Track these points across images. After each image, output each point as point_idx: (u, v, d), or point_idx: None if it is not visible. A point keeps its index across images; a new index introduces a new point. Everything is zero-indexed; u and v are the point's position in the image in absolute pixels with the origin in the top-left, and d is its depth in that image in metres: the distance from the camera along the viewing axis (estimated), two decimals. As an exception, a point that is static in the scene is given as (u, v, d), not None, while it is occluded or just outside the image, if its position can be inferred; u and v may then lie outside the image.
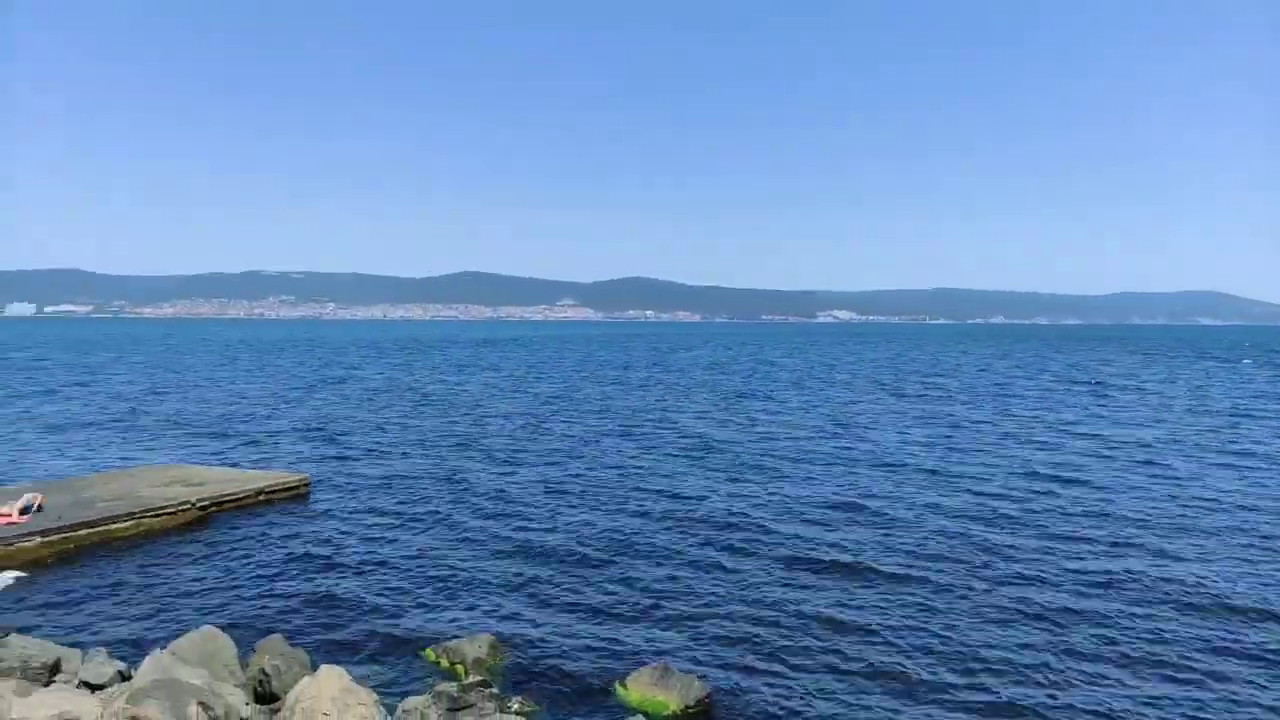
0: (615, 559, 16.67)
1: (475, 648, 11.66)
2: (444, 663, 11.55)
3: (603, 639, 12.64)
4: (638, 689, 10.72)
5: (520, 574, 15.75)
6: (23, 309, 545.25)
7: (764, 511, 20.53)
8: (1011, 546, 17.47)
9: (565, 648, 12.28)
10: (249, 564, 16.27)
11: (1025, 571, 15.81)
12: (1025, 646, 12.43)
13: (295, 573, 15.78)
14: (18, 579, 15.01)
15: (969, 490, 22.86)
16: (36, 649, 9.18)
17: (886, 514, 20.19)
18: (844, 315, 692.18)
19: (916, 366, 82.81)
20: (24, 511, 17.14)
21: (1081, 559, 16.58)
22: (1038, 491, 22.80)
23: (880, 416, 40.05)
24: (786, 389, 56.49)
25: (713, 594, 14.61)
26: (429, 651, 11.94)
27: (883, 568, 16.01)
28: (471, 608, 13.99)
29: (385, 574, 15.74)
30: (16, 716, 6.20)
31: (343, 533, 18.54)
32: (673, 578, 15.55)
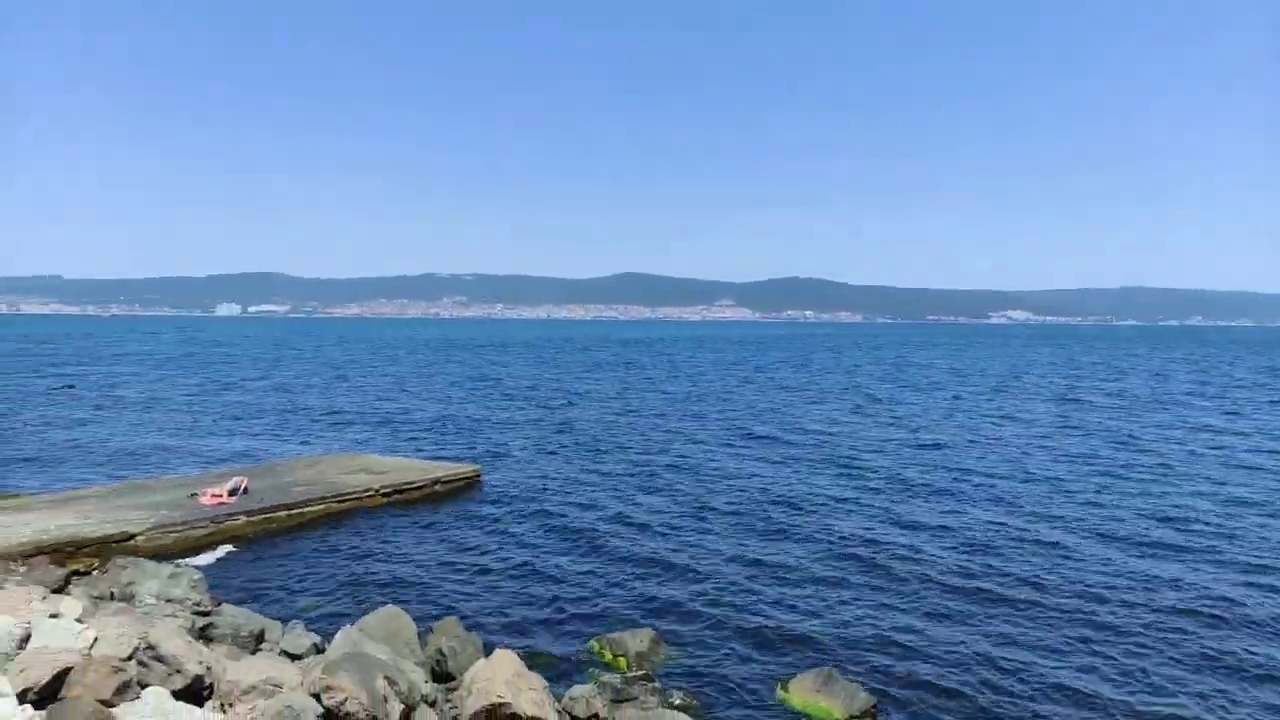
0: (778, 562, 16.44)
1: (637, 641, 11.78)
2: (607, 654, 11.74)
3: (764, 640, 12.49)
4: (800, 693, 10.50)
5: (681, 571, 15.82)
6: (230, 309, 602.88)
7: (928, 529, 19.68)
8: (1192, 581, 15.92)
9: (726, 647, 12.22)
10: (426, 549, 17.17)
11: (1210, 608, 14.36)
12: (1219, 691, 11.28)
13: (468, 559, 16.52)
14: (228, 553, 16.53)
15: (1148, 515, 20.91)
16: (244, 619, 10.05)
17: (1059, 539, 18.86)
18: (1019, 315, 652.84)
19: (1094, 372, 77.15)
20: (232, 493, 18.83)
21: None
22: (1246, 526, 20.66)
23: (1055, 432, 37.58)
24: (934, 395, 54.00)
25: (881, 604, 14.13)
26: (592, 643, 12.17)
27: (1056, 592, 14.95)
28: (633, 602, 14.17)
29: (551, 564, 16.21)
30: (230, 679, 6.81)
31: (512, 523, 19.26)
32: (838, 583, 15.17)
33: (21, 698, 5.79)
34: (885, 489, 23.11)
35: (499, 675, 7.95)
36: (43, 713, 5.57)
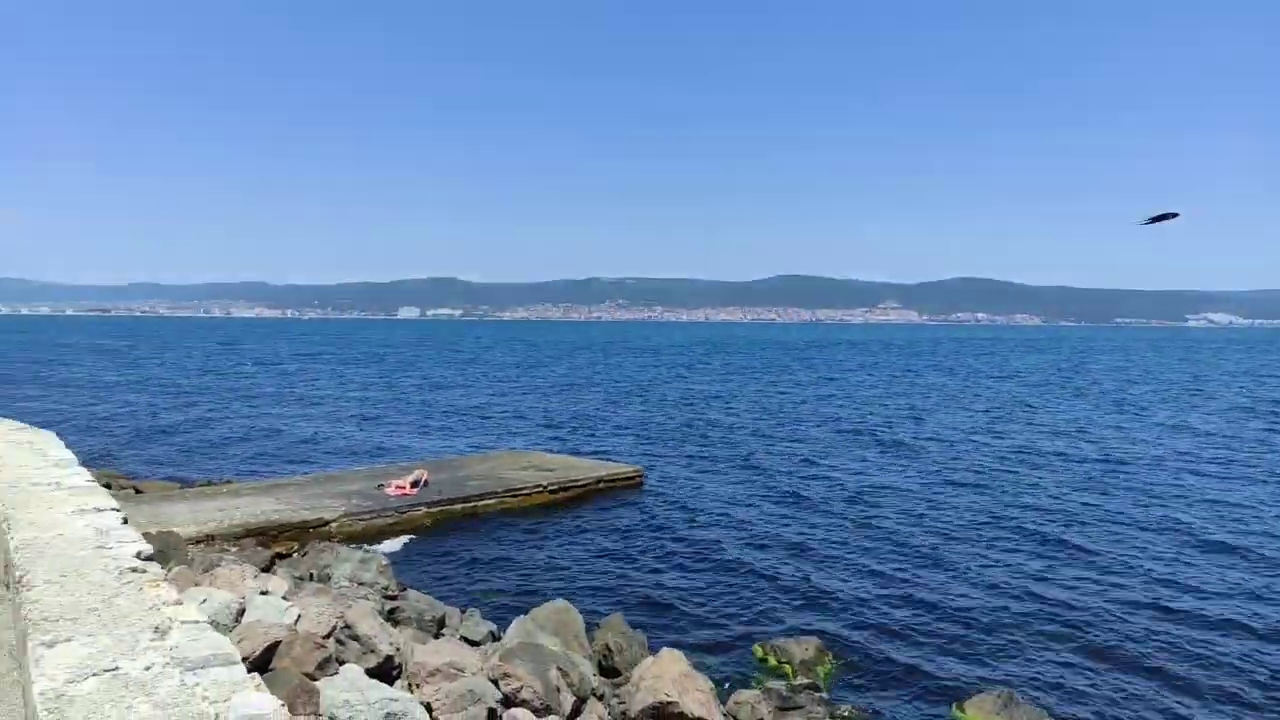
0: (956, 574, 15.72)
1: (803, 649, 11.56)
2: (771, 661, 11.59)
3: (934, 656, 11.96)
4: (977, 714, 9.98)
5: (844, 579, 15.41)
6: (410, 312, 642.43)
7: (1135, 545, 18.24)
8: None
9: (894, 661, 11.78)
10: (591, 545, 17.58)
11: None
12: None
13: (632, 558, 16.77)
14: (410, 541, 17.56)
15: None
16: (427, 604, 10.65)
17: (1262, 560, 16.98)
18: (1220, 319, 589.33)
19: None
20: (414, 485, 19.98)
21: None
22: None
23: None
24: (1138, 406, 49.87)
25: (1067, 626, 13.20)
26: (757, 648, 12.05)
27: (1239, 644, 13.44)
28: (795, 608, 13.93)
29: (714, 566, 16.20)
30: (418, 660, 7.24)
31: (674, 524, 19.39)
32: (1021, 600, 14.31)
33: (238, 665, 6.40)
34: (1062, 506, 21.63)
35: (666, 674, 8.01)
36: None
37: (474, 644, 9.27)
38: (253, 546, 15.17)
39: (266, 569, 11.83)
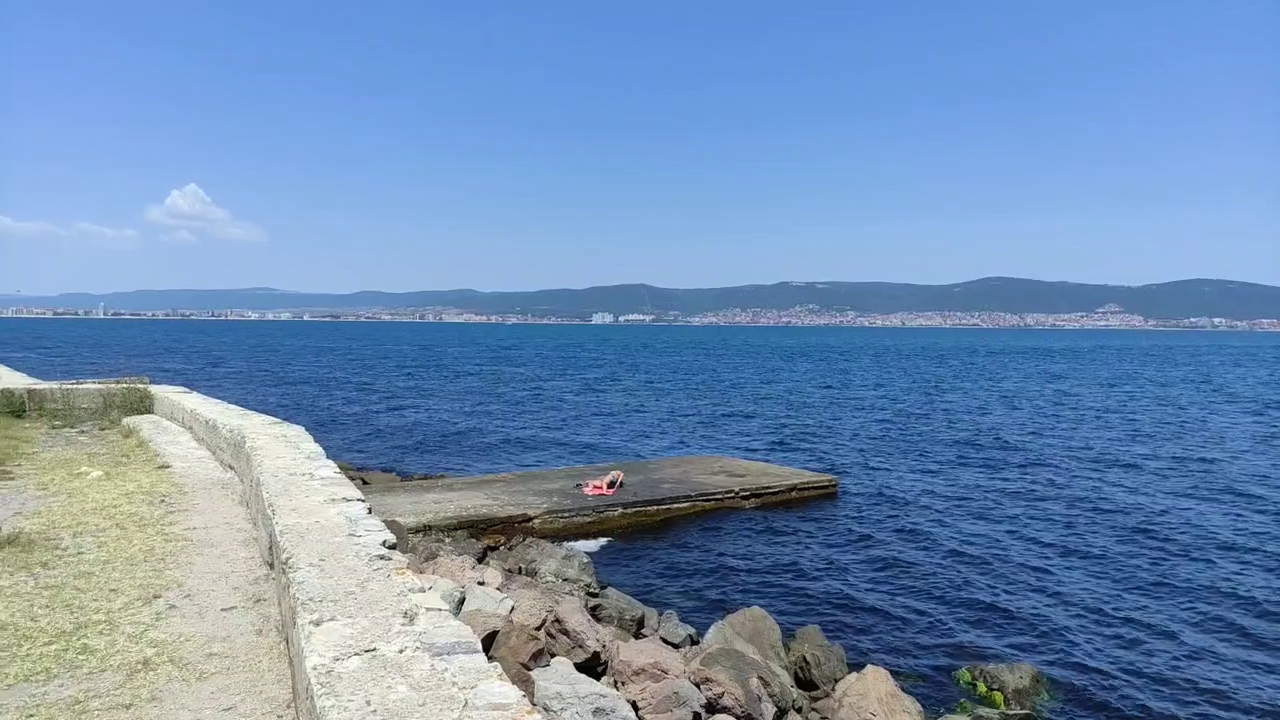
0: (1192, 609, 14.23)
1: (1016, 677, 10.85)
2: (980, 687, 10.95)
3: (1164, 692, 10.86)
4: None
5: (1064, 606, 14.30)
6: (603, 318, 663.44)
7: None
8: None
9: (1119, 695, 10.80)
10: (784, 554, 17.34)
11: None
12: None
13: (825, 569, 16.39)
14: (607, 541, 18.06)
15: None
16: (626, 604, 10.90)
17: None
18: None
19: None
20: (610, 485, 20.53)
21: None
22: None
23: None
24: None
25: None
26: (964, 672, 11.42)
27: None
28: (1006, 633, 13.08)
29: (914, 583, 15.53)
30: (623, 659, 7.42)
31: (870, 536, 18.78)
32: (1245, 638, 12.74)
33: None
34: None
35: (872, 692, 7.75)
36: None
37: (673, 646, 9.38)
38: (465, 538, 16.13)
39: (480, 560, 12.55)
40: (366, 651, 3.06)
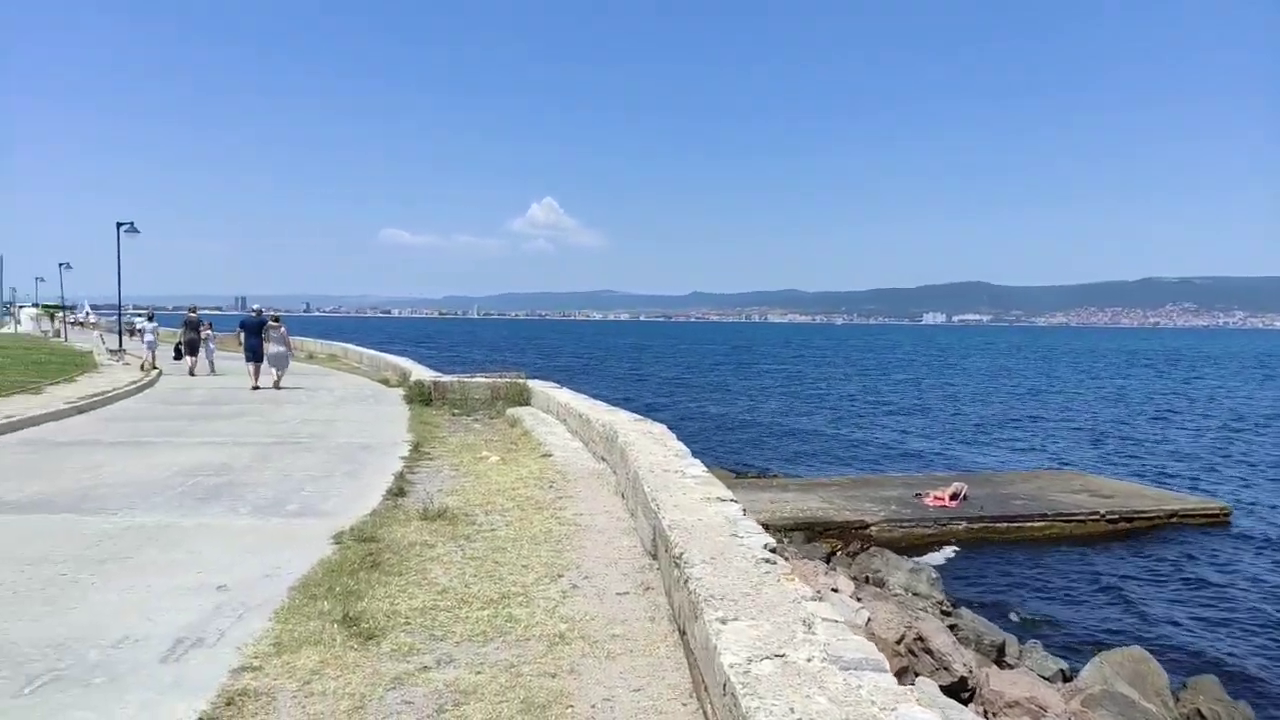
0: None
1: None
2: None
3: None
4: None
5: None
6: (935, 317, 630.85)
7: None
8: None
9: None
10: (1163, 590, 15.27)
11: None
12: None
13: (1218, 612, 14.17)
14: (951, 556, 17.13)
15: None
16: (984, 627, 10.23)
17: None
18: None
19: None
20: (954, 497, 19.45)
21: None
22: None
23: None
24: None
25: None
26: None
27: None
28: None
29: (1343, 641, 12.90)
30: (994, 688, 6.98)
31: (1276, 580, 15.93)
32: None
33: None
34: None
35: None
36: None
37: (1044, 680, 8.63)
38: (802, 541, 16.19)
39: (825, 563, 12.51)
40: (777, 656, 3.15)
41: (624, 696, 3.88)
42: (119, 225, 29.03)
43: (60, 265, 55.69)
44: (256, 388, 19.83)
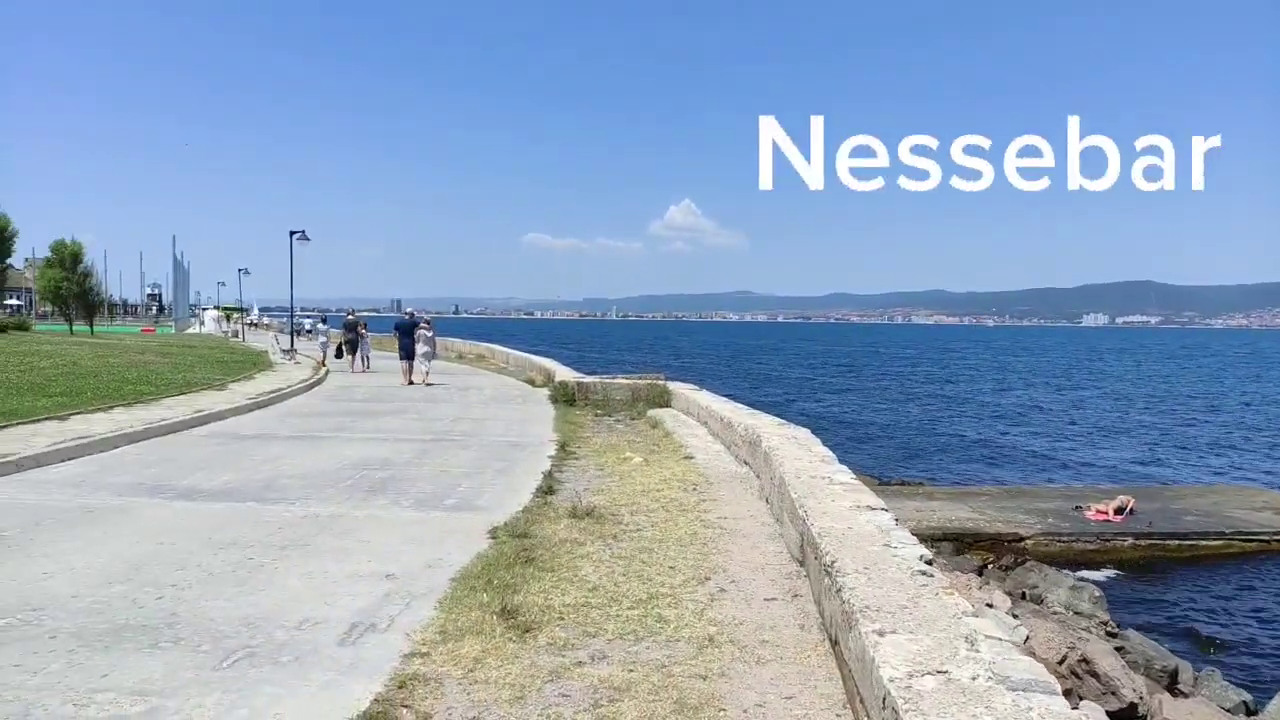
0: None
1: None
2: None
3: None
4: None
5: None
6: (1096, 319, 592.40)
7: None
8: None
9: None
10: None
11: None
12: None
13: None
14: (1115, 575, 16.06)
15: None
16: (1154, 651, 9.54)
17: None
18: None
19: None
20: (1119, 511, 18.22)
21: None
22: None
23: None
24: None
25: None
26: None
27: None
28: None
29: None
30: (1169, 716, 6.52)
31: None
32: None
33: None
34: None
35: None
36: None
37: (1225, 711, 7.98)
38: (951, 552, 15.59)
39: (978, 576, 12.02)
40: (939, 673, 3.07)
41: (776, 703, 3.87)
42: (292, 234, 31.22)
43: (239, 271, 60.48)
44: (410, 383, 21.24)
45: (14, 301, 74.49)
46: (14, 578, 5.61)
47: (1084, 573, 15.91)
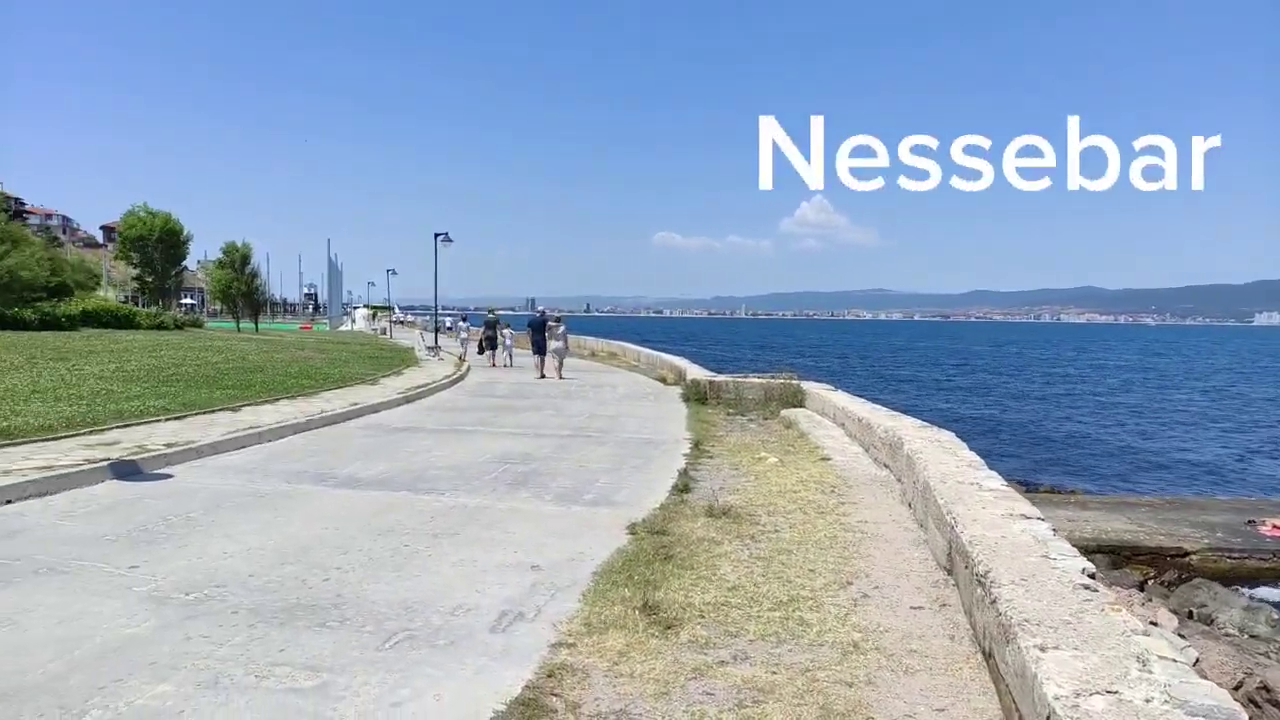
0: None
1: None
2: None
3: None
4: None
5: None
6: (1270, 318, 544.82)
7: None
8: None
9: None
10: None
11: None
12: None
13: None
14: (1295, 596, 14.72)
15: None
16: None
17: None
18: None
19: None
20: (1297, 526, 16.68)
21: None
22: None
23: None
24: None
25: None
26: None
27: None
28: None
29: None
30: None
31: None
32: None
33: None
34: None
35: None
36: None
37: None
38: (1106, 565, 14.68)
39: (1139, 592, 11.27)
40: (1109, 693, 2.92)
41: (926, 715, 3.77)
42: (436, 235, 32.61)
43: (388, 271, 63.77)
44: (543, 377, 22.73)
45: (189, 301, 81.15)
46: (201, 555, 6.13)
47: (1262, 590, 14.68)
